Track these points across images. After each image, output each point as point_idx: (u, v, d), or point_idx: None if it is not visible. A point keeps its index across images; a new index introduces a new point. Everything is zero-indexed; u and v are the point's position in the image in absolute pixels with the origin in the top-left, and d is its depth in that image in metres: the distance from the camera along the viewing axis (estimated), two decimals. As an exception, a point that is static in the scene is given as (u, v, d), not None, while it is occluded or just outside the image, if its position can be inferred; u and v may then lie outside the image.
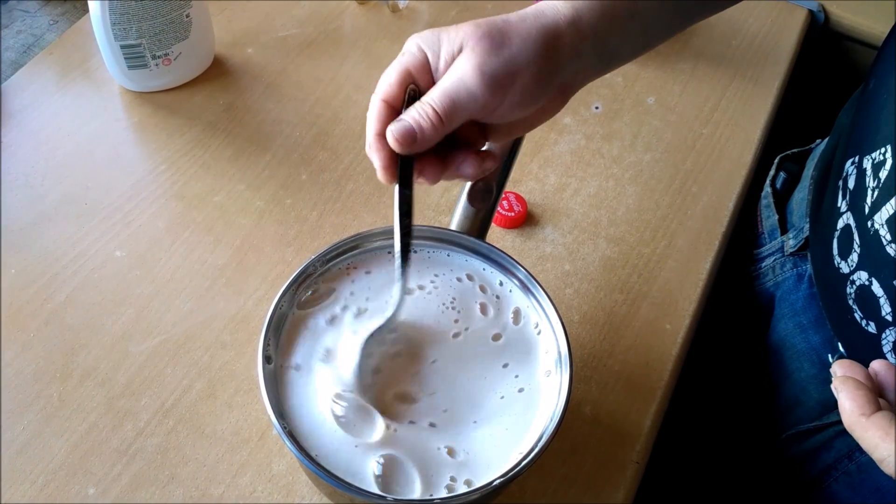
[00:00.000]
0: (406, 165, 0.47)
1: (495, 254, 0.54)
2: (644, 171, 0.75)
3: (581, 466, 0.58)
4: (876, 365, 0.43)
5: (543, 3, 0.47)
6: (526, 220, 0.70)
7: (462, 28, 0.45)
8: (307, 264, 0.51)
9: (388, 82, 0.46)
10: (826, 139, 0.72)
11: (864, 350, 0.56)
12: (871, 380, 0.41)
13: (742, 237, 0.77)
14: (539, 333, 0.51)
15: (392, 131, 0.45)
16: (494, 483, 0.45)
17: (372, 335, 0.48)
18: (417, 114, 0.45)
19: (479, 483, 0.45)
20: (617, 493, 0.57)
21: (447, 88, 0.45)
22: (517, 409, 0.49)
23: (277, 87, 0.78)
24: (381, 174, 0.47)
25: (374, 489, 0.45)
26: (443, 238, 0.54)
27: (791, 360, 0.67)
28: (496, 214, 0.68)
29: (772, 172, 0.77)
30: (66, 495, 0.53)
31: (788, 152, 0.77)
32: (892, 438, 0.37)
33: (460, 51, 0.45)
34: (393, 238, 0.49)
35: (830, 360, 0.63)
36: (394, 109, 0.46)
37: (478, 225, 0.54)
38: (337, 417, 0.46)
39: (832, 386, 0.41)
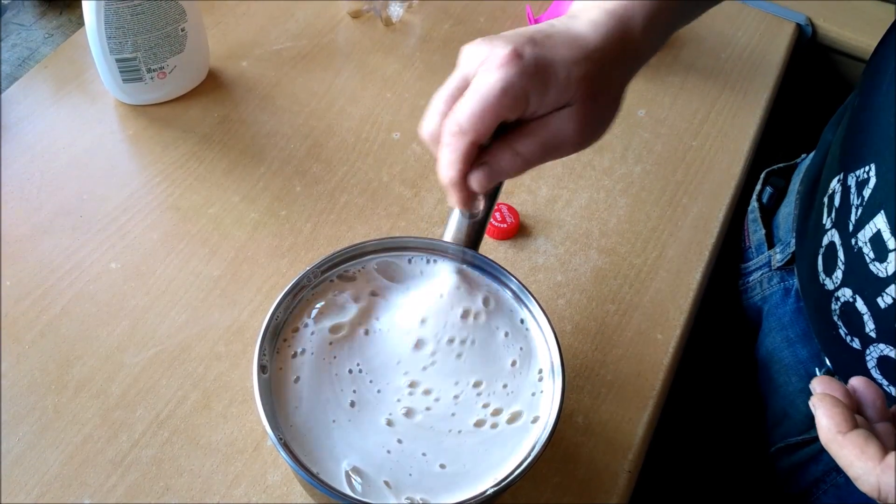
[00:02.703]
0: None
1: (488, 265, 0.54)
2: (635, 183, 0.76)
3: (573, 475, 0.58)
4: (855, 382, 0.43)
5: (628, 39, 0.46)
6: (518, 231, 0.71)
7: (572, 74, 0.43)
8: (302, 276, 0.52)
9: (483, 124, 0.42)
10: (811, 154, 0.73)
11: (849, 365, 0.57)
12: (849, 397, 0.42)
13: (730, 251, 0.78)
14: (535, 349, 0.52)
15: (480, 179, 0.44)
16: (488, 492, 0.45)
17: None
18: (507, 164, 0.44)
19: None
20: (609, 502, 0.57)
21: (546, 144, 0.44)
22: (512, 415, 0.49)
23: (272, 99, 0.79)
24: (463, 207, 0.46)
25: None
26: (436, 249, 0.55)
27: (779, 373, 0.67)
28: (489, 226, 0.69)
29: (758, 187, 0.78)
30: (61, 507, 0.54)
31: (774, 167, 0.78)
32: (867, 457, 0.37)
33: (567, 102, 0.44)
34: (388, 251, 0.55)
35: (818, 373, 0.64)
36: (481, 147, 0.44)
37: (471, 236, 0.54)
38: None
39: (810, 403, 0.41)
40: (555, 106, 0.44)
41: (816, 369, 0.64)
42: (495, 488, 0.45)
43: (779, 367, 0.67)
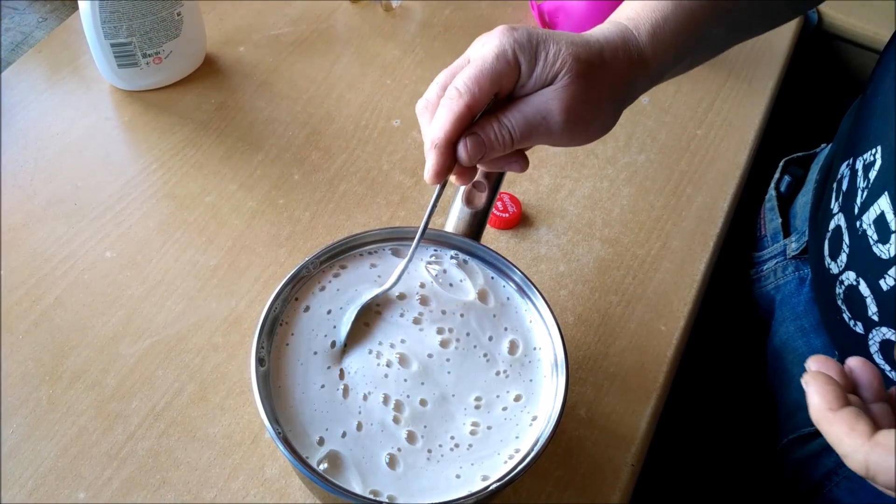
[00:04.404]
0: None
1: (491, 256, 0.53)
2: (638, 172, 0.75)
3: (576, 469, 0.57)
4: (852, 362, 0.42)
5: (630, 39, 0.47)
6: (520, 221, 0.70)
7: (563, 52, 0.44)
8: (300, 266, 0.51)
9: (479, 89, 0.44)
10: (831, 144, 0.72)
11: (853, 351, 0.56)
12: (844, 376, 0.41)
13: (742, 239, 0.77)
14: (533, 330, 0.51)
15: (468, 145, 0.45)
16: (490, 487, 0.44)
17: (366, 304, 0.50)
18: (494, 135, 0.45)
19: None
20: (612, 495, 0.56)
21: (530, 119, 0.45)
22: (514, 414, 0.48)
23: (269, 85, 0.77)
24: (432, 177, 0.45)
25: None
26: (438, 240, 0.54)
27: (793, 364, 0.67)
28: (490, 215, 0.68)
29: (776, 175, 0.77)
30: (56, 500, 0.53)
31: (794, 156, 0.77)
32: (856, 433, 0.36)
33: (554, 78, 0.44)
34: (388, 241, 0.53)
35: None
36: (473, 117, 0.45)
37: (473, 226, 0.53)
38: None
39: (802, 380, 0.40)
40: (545, 82, 0.45)
41: None
42: (498, 483, 0.44)
43: (792, 358, 0.67)
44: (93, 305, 0.61)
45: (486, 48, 0.44)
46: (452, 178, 0.47)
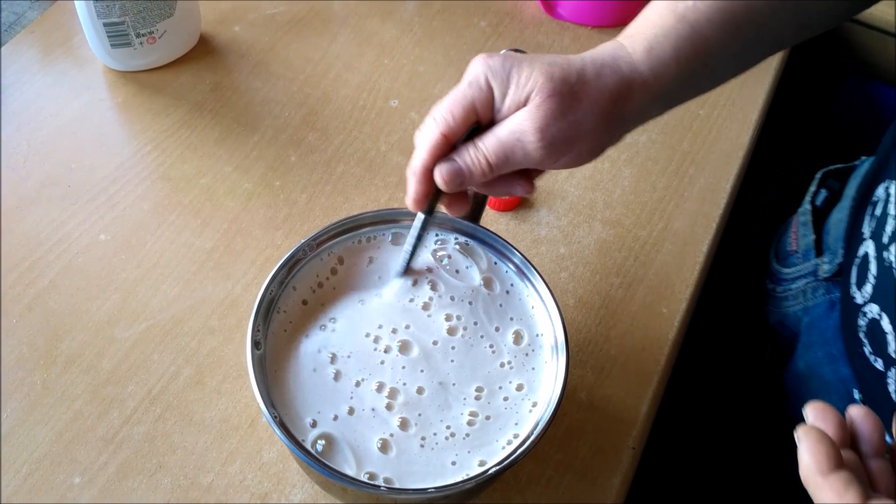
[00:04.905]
0: (437, 194, 0.48)
1: (491, 238, 0.52)
2: (640, 153, 0.74)
3: (577, 452, 0.57)
4: (853, 411, 0.39)
5: (622, 55, 0.46)
6: (520, 202, 0.69)
7: (535, 74, 0.44)
8: (297, 248, 0.50)
9: (452, 116, 0.45)
10: (872, 158, 0.67)
11: (874, 386, 0.54)
12: (843, 428, 0.38)
13: (766, 251, 0.74)
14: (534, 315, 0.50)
15: (442, 171, 0.45)
16: (490, 471, 0.44)
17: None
18: (470, 160, 0.45)
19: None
20: (613, 478, 0.56)
21: (504, 142, 0.44)
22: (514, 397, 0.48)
23: (265, 65, 0.76)
24: (412, 204, 0.47)
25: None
26: (438, 222, 0.53)
27: (818, 390, 0.63)
28: (490, 197, 0.67)
29: (812, 188, 0.72)
30: (51, 484, 0.52)
31: (831, 168, 0.72)
32: (846, 502, 0.34)
33: (527, 100, 0.44)
34: (385, 224, 0.53)
35: (856, 395, 0.59)
36: (451, 144, 0.46)
37: (472, 208, 0.52)
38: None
39: (795, 434, 0.37)
40: (519, 104, 0.44)
41: (855, 390, 0.59)
42: (497, 467, 0.44)
43: (818, 384, 0.63)
44: (87, 289, 0.61)
45: (464, 77, 0.45)
46: (444, 209, 0.48)
